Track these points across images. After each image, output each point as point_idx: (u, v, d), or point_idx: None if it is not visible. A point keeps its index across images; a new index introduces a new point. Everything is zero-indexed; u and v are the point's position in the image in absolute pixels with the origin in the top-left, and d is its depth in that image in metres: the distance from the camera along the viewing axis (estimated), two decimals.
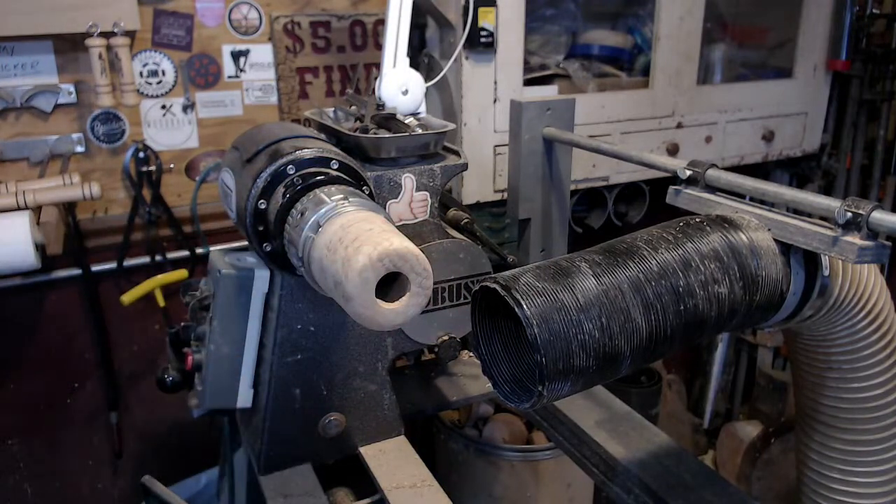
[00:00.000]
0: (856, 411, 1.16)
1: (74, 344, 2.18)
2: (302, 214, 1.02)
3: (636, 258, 0.90)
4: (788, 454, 2.73)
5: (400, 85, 1.38)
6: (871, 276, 1.08)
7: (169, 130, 2.12)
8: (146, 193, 2.10)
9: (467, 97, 2.13)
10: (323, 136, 1.25)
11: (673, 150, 2.51)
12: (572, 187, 1.93)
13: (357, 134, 1.25)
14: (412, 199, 1.28)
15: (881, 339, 1.10)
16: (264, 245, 1.11)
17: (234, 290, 1.21)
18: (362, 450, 1.34)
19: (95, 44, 1.86)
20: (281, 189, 1.08)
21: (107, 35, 1.88)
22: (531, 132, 1.65)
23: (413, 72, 1.39)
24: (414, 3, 1.42)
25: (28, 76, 1.92)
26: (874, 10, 2.86)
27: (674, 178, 1.19)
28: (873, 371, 1.11)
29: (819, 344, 1.14)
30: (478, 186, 2.22)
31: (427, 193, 1.29)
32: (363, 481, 1.32)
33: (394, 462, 1.31)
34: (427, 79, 1.44)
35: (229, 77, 2.15)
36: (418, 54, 2.23)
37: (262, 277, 1.21)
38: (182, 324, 1.34)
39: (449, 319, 1.35)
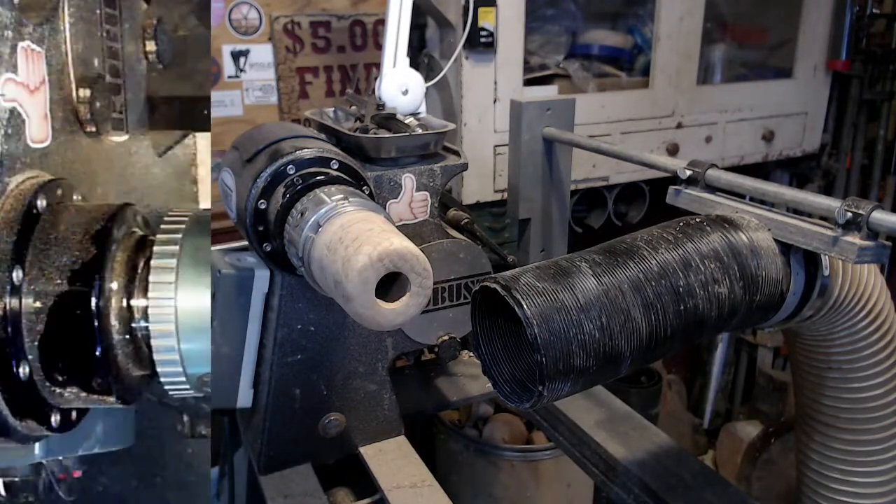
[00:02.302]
0: (856, 411, 1.15)
1: None
2: (302, 214, 1.02)
3: (636, 258, 0.90)
4: (788, 454, 2.73)
5: (400, 85, 1.38)
6: (871, 276, 1.08)
7: None
8: None
9: (467, 97, 2.13)
10: (323, 136, 1.25)
11: (673, 150, 2.52)
12: (572, 187, 1.93)
13: (357, 134, 1.25)
14: (412, 199, 1.28)
15: (881, 339, 1.10)
16: (264, 245, 1.11)
17: (234, 290, 1.21)
18: (362, 450, 1.34)
19: None
20: (281, 189, 1.08)
21: None
22: (531, 132, 1.64)
23: (413, 72, 1.39)
24: (414, 3, 1.42)
25: None
26: (874, 10, 2.86)
27: (674, 178, 1.18)
28: (873, 371, 1.11)
29: (819, 344, 1.14)
30: (478, 186, 2.22)
31: (427, 193, 1.29)
32: (363, 481, 1.32)
33: (394, 462, 1.31)
34: (427, 79, 1.44)
35: (229, 77, 2.15)
36: (418, 54, 2.23)
37: (262, 277, 1.21)
38: None
39: (449, 319, 1.35)
